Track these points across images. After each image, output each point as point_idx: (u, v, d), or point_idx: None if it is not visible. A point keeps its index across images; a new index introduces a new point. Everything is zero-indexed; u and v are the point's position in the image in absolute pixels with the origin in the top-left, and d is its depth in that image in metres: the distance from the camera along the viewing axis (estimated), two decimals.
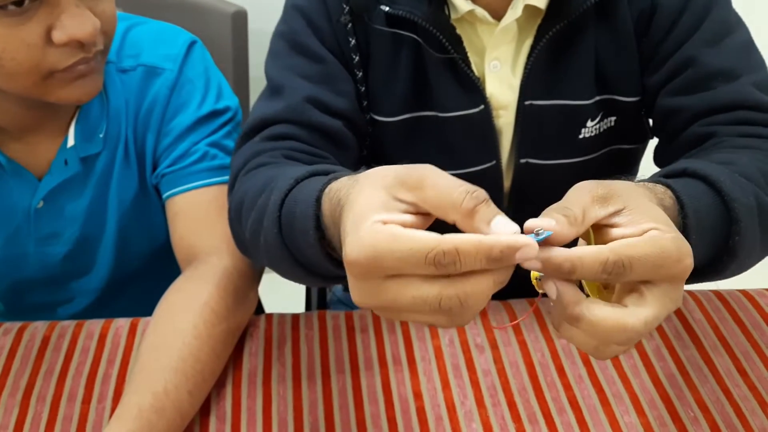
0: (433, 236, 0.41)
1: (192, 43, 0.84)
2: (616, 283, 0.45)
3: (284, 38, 0.78)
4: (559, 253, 0.43)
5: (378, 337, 0.77)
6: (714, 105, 0.72)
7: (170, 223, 0.82)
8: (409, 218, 0.44)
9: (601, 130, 0.78)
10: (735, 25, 0.76)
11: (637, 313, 0.44)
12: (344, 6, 0.75)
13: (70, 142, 0.79)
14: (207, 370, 0.70)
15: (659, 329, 0.78)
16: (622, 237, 0.45)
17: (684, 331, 0.78)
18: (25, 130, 0.78)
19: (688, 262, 0.45)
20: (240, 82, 1.14)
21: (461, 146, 0.78)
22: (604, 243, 0.45)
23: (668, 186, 0.56)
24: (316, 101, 0.74)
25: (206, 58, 0.86)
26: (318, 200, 0.54)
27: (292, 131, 0.73)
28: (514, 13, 0.73)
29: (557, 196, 0.70)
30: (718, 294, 0.82)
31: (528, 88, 0.76)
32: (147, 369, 0.67)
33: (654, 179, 0.58)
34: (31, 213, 0.83)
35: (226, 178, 0.82)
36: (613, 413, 0.70)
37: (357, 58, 0.77)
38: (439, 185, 0.43)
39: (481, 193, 0.43)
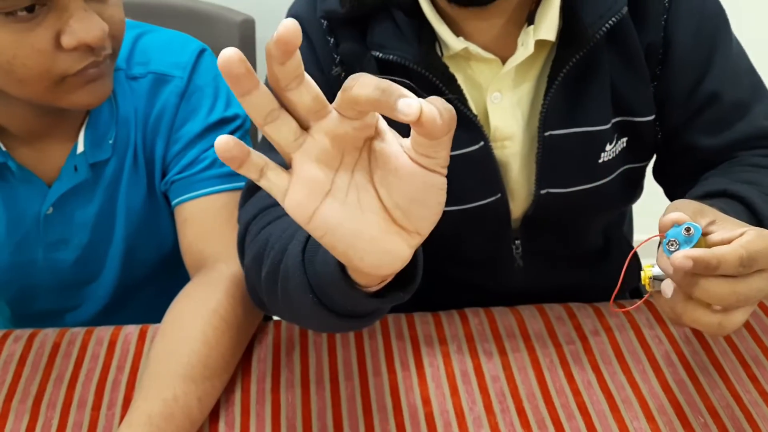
0: None
1: (201, 51, 0.85)
2: (744, 274, 0.53)
3: None
4: (706, 252, 0.51)
5: (386, 344, 0.77)
6: (734, 142, 0.77)
7: (179, 230, 0.82)
8: None
9: (617, 152, 0.78)
10: (739, 53, 0.78)
11: (747, 281, 0.53)
12: (335, 56, 0.74)
13: (80, 148, 0.79)
14: (216, 377, 0.70)
15: (668, 334, 0.77)
16: (722, 240, 0.54)
17: (693, 336, 0.77)
18: (36, 136, 0.79)
19: None
20: None
21: (463, 183, 0.77)
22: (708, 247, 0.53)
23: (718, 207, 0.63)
24: None
25: (215, 66, 0.86)
26: None
27: None
28: (525, 50, 0.71)
29: (571, 221, 0.72)
30: None
31: (548, 119, 0.74)
32: (156, 376, 0.67)
33: (700, 198, 0.64)
34: (41, 219, 0.83)
35: (235, 185, 0.82)
36: (623, 419, 0.69)
37: None
38: None
39: None
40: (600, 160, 0.77)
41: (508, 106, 0.75)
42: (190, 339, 0.70)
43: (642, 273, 0.58)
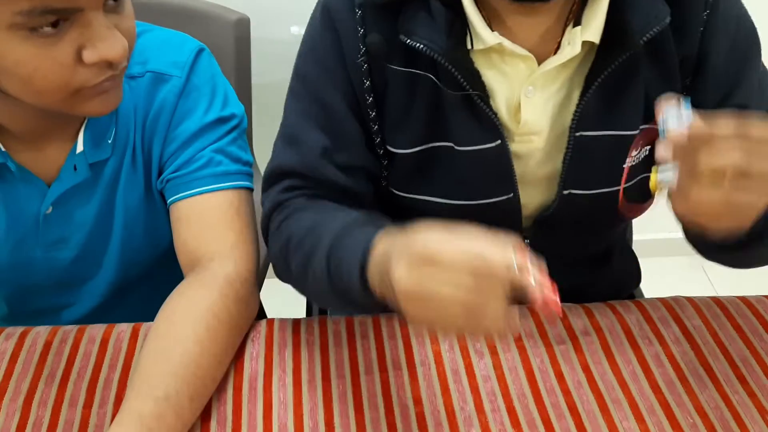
0: None
1: (199, 51, 0.85)
2: (740, 147, 0.55)
3: (301, 80, 0.79)
4: (702, 122, 0.57)
5: (378, 343, 0.78)
6: None
7: (174, 229, 0.82)
8: None
9: (641, 158, 0.79)
10: (765, 71, 0.79)
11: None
12: (361, 47, 0.75)
13: (80, 148, 0.79)
14: (208, 376, 0.70)
15: (658, 335, 0.78)
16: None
17: (683, 337, 0.78)
18: (35, 136, 0.79)
19: None
20: (242, 89, 1.14)
21: (476, 179, 0.78)
22: None
23: None
24: (330, 159, 0.77)
25: (213, 65, 0.86)
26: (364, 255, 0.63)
27: (307, 185, 0.77)
28: (572, 50, 0.72)
29: (585, 223, 0.72)
30: (716, 300, 0.83)
31: (582, 119, 0.75)
32: (148, 375, 0.68)
33: None
34: (40, 219, 0.83)
35: (230, 184, 0.82)
36: (612, 419, 0.70)
37: (371, 98, 0.76)
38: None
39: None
40: (625, 165, 0.78)
41: (539, 102, 0.75)
42: (183, 338, 0.70)
43: (650, 177, 0.63)
